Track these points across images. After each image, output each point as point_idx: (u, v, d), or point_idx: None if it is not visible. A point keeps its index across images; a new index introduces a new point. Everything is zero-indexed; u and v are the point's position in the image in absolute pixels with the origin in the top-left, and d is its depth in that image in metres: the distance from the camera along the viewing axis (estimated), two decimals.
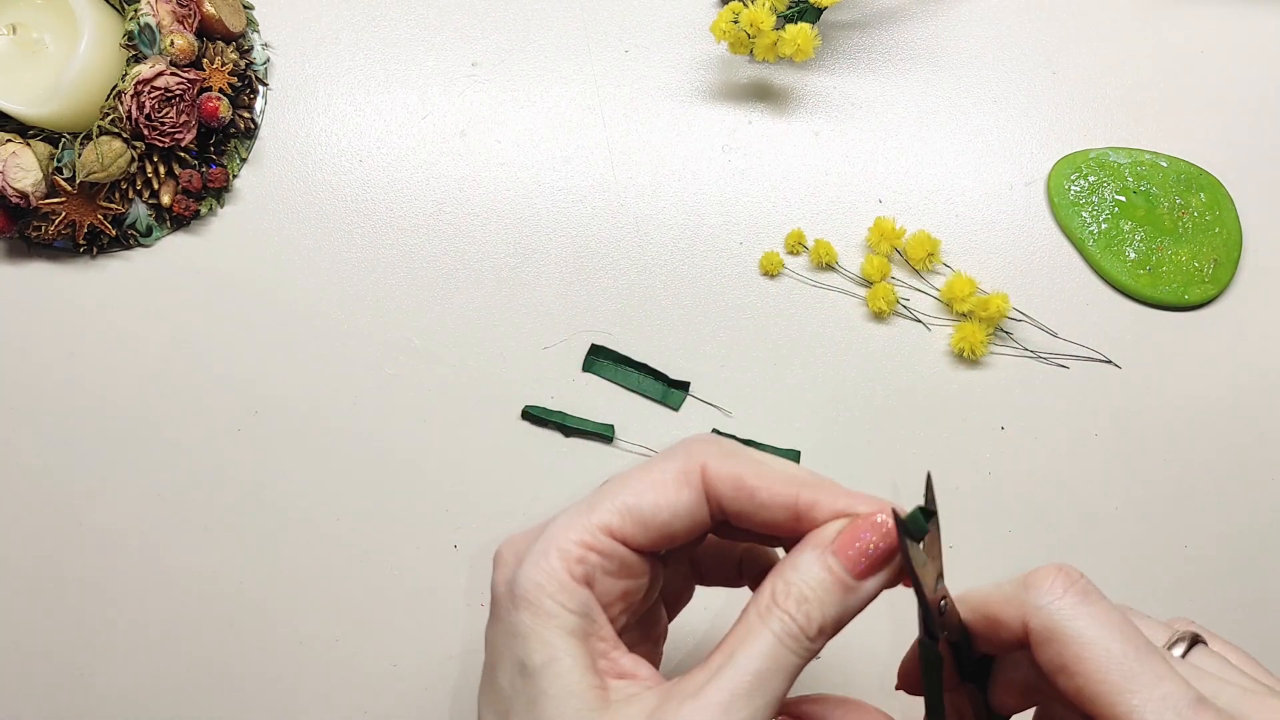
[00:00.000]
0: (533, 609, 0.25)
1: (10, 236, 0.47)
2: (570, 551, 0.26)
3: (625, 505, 0.26)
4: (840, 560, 0.25)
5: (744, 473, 0.26)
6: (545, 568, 0.25)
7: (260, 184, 0.49)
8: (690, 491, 0.26)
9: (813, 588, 0.25)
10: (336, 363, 0.47)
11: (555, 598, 0.25)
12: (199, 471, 0.46)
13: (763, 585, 0.26)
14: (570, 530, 0.26)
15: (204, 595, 0.45)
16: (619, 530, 0.26)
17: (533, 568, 0.26)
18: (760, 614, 0.25)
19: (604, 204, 0.49)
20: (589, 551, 0.26)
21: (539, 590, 0.25)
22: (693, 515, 0.26)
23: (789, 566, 0.26)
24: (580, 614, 0.25)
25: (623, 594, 0.27)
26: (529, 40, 0.51)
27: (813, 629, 0.25)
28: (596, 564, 0.26)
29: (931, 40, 0.52)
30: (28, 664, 0.44)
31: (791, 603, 0.25)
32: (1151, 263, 0.49)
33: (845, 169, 0.50)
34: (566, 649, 0.25)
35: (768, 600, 0.25)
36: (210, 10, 0.47)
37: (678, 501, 0.26)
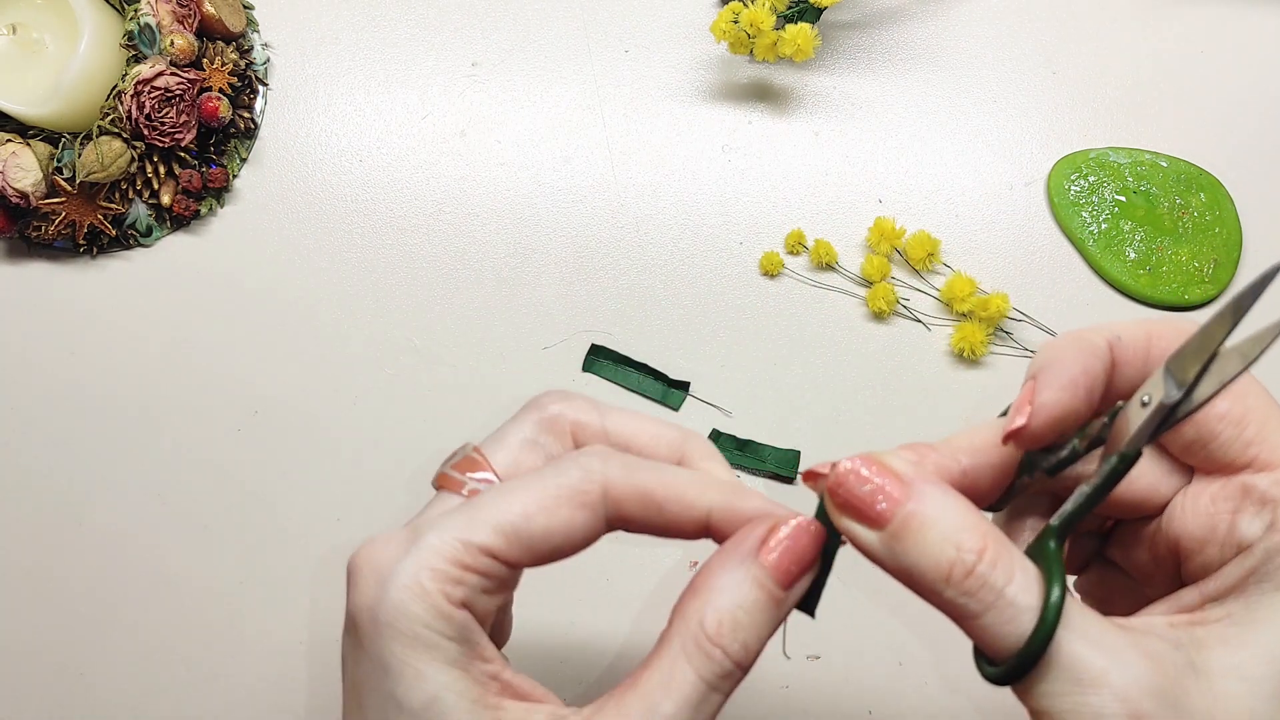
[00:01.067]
0: (404, 640, 0.22)
1: (10, 236, 0.47)
2: (446, 572, 0.22)
3: (511, 527, 0.23)
4: (770, 572, 0.23)
5: (650, 488, 0.24)
6: (417, 591, 0.22)
7: (260, 184, 0.49)
8: (586, 514, 0.23)
9: (747, 610, 0.22)
10: (336, 363, 0.47)
11: (431, 626, 0.22)
12: (199, 471, 0.46)
13: (682, 608, 0.23)
14: (445, 548, 0.22)
15: (204, 595, 0.45)
16: (502, 552, 0.23)
17: (402, 591, 0.22)
18: (686, 650, 0.22)
19: (604, 204, 0.49)
20: (467, 573, 0.23)
21: (410, 619, 0.22)
22: (586, 535, 0.24)
23: (713, 589, 0.23)
24: (460, 640, 0.22)
25: (499, 609, 0.24)
26: (529, 40, 0.51)
27: (749, 660, 0.23)
28: (474, 584, 0.23)
29: (931, 40, 0.52)
30: (28, 663, 0.44)
31: (725, 634, 0.22)
32: (1151, 263, 0.49)
33: (845, 169, 0.50)
34: (449, 684, 0.22)
35: (695, 632, 0.22)
36: (210, 10, 0.47)
37: (572, 525, 0.23)
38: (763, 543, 0.23)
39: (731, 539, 0.24)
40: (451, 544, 0.23)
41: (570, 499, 0.23)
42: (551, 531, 0.23)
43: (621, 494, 0.24)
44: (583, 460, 0.24)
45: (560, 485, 0.24)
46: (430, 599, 0.22)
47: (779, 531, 0.23)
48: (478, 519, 0.23)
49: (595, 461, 0.24)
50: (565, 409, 0.27)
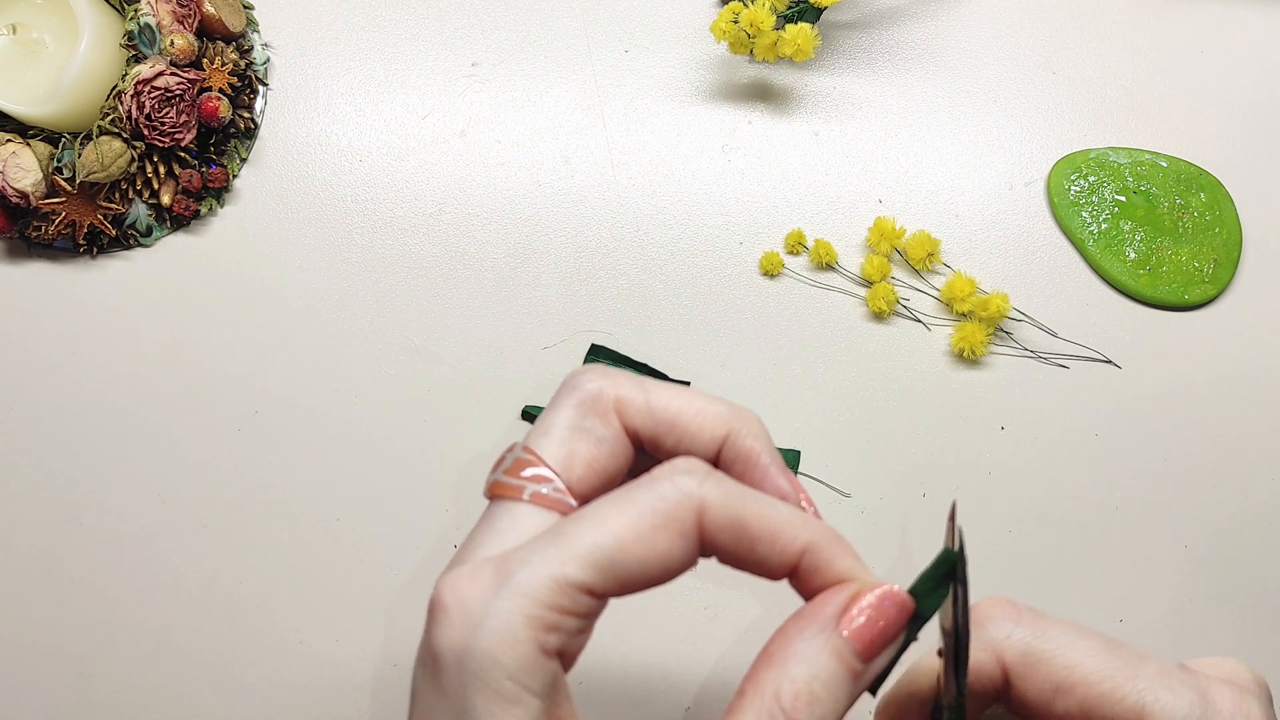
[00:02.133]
0: (489, 693, 0.20)
1: (10, 236, 0.47)
2: (542, 619, 0.21)
3: (608, 559, 0.21)
4: (852, 644, 0.22)
5: (747, 520, 0.22)
6: (509, 640, 0.20)
7: (260, 184, 0.49)
8: (684, 542, 0.22)
9: (825, 684, 0.21)
10: (336, 363, 0.47)
11: (518, 679, 0.20)
12: (199, 471, 0.46)
13: (755, 677, 0.22)
14: (540, 589, 0.21)
15: (204, 594, 0.45)
16: (599, 588, 0.21)
17: (493, 639, 0.20)
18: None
19: (604, 204, 0.49)
20: (563, 616, 0.21)
21: (499, 669, 0.20)
22: (682, 565, 0.22)
23: (791, 659, 0.21)
24: (544, 696, 0.21)
25: (582, 647, 0.23)
26: (529, 40, 0.51)
27: None
28: (571, 627, 0.21)
29: (931, 40, 0.52)
30: (28, 663, 0.44)
31: (802, 709, 0.21)
32: (1151, 263, 0.49)
33: (845, 169, 0.50)
34: None
35: (771, 705, 0.21)
36: (210, 10, 0.47)
37: (669, 556, 0.22)
38: (844, 610, 0.22)
39: (811, 603, 0.23)
40: (546, 583, 0.21)
41: (666, 526, 0.22)
42: (648, 562, 0.22)
43: (717, 524, 0.22)
44: (679, 480, 0.22)
45: (656, 510, 0.22)
46: (522, 649, 0.20)
47: (863, 599, 0.22)
48: (569, 551, 0.21)
49: (691, 481, 0.22)
50: (605, 386, 0.25)
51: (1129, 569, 0.46)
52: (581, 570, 0.21)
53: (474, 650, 0.20)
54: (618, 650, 0.44)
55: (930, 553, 0.45)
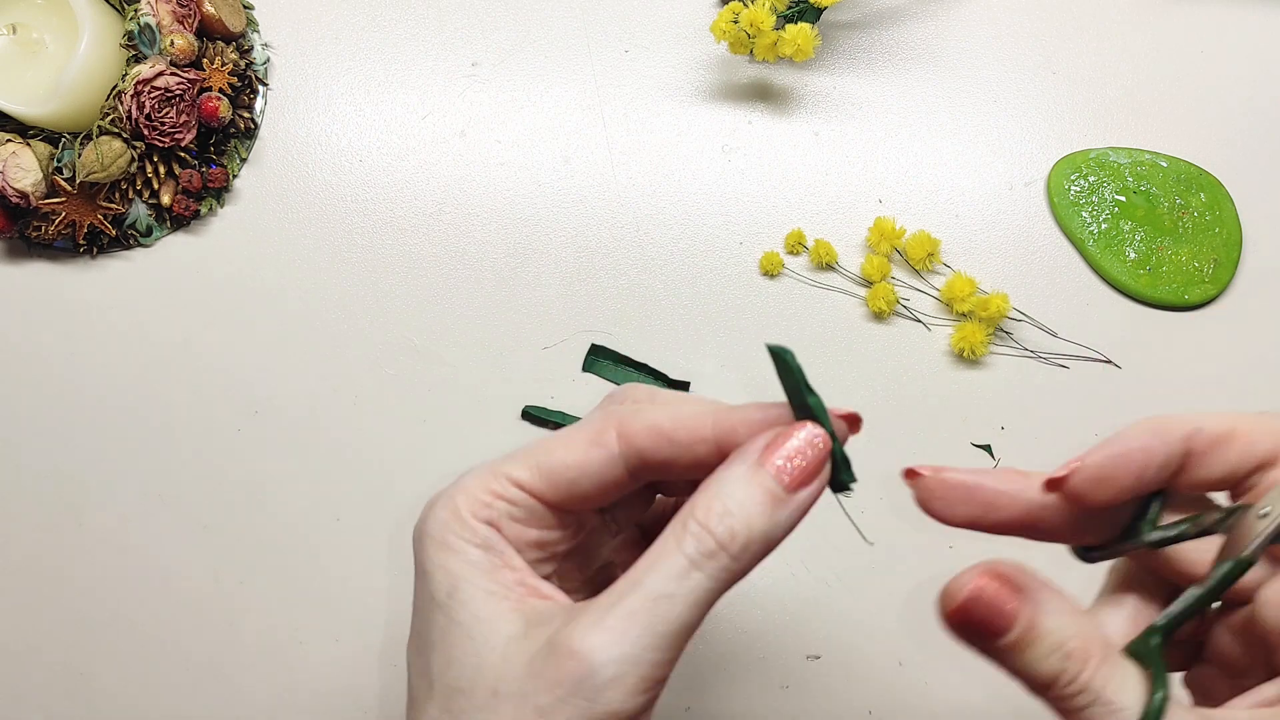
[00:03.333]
0: (436, 543, 0.26)
1: (10, 236, 0.47)
2: (477, 496, 0.26)
3: (535, 461, 0.26)
4: (770, 471, 0.24)
5: (658, 420, 0.26)
6: (450, 508, 0.26)
7: (260, 184, 0.49)
8: (600, 450, 0.26)
9: (740, 502, 0.24)
10: (336, 363, 0.47)
11: (457, 533, 0.26)
12: (199, 471, 0.46)
13: (684, 505, 0.25)
14: (478, 479, 0.26)
15: (204, 594, 0.45)
16: (527, 483, 0.26)
17: (440, 509, 0.26)
18: (675, 534, 0.24)
19: (604, 204, 0.49)
20: (495, 499, 0.26)
21: (443, 527, 0.26)
22: (602, 473, 0.26)
23: (712, 482, 0.25)
24: (483, 547, 0.26)
25: (537, 542, 0.27)
26: (529, 40, 0.51)
27: (735, 545, 0.24)
28: (503, 510, 0.26)
29: (931, 40, 0.52)
30: (28, 662, 0.44)
31: (713, 519, 0.24)
32: (1151, 263, 0.49)
33: (845, 169, 0.50)
34: (468, 576, 0.25)
35: (684, 517, 0.24)
36: (210, 10, 0.47)
37: (586, 460, 0.26)
38: (768, 448, 0.25)
39: (738, 449, 0.25)
40: (484, 475, 0.26)
41: (588, 438, 0.26)
42: (567, 465, 0.26)
43: (632, 429, 0.26)
44: (604, 409, 0.27)
45: (582, 429, 0.27)
46: (458, 513, 0.26)
47: (786, 440, 0.25)
48: (511, 458, 0.27)
49: (615, 407, 0.27)
50: (624, 399, 0.29)
51: None
52: (514, 468, 0.26)
53: (427, 521, 0.26)
54: None
55: (929, 546, 0.45)
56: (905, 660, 0.44)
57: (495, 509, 0.26)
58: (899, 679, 0.44)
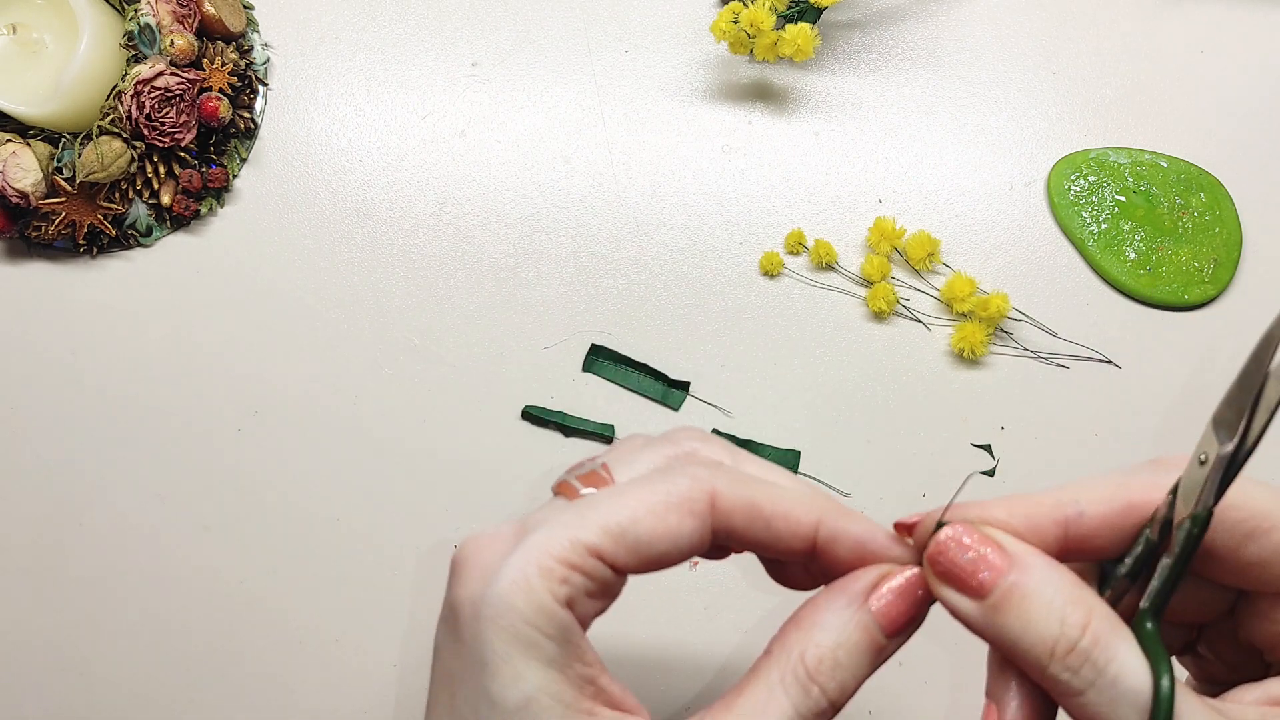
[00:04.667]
0: (506, 636, 0.22)
1: (10, 236, 0.47)
2: (553, 570, 0.22)
3: (620, 528, 0.23)
4: (878, 619, 0.23)
5: (758, 501, 0.24)
6: (523, 586, 0.22)
7: (260, 184, 0.49)
8: (694, 521, 0.23)
9: (848, 651, 0.23)
10: (336, 363, 0.47)
11: (533, 623, 0.22)
12: (199, 471, 0.46)
13: (783, 639, 0.23)
14: (553, 545, 0.22)
15: (204, 594, 0.45)
16: (609, 554, 0.23)
17: (508, 585, 0.22)
18: (784, 681, 0.22)
19: (604, 204, 0.49)
20: (573, 572, 0.22)
21: (514, 614, 0.22)
22: (693, 545, 0.24)
23: (816, 626, 0.23)
24: (560, 640, 0.22)
25: (597, 612, 0.24)
26: (529, 40, 0.51)
27: (843, 700, 0.23)
28: (580, 585, 0.23)
29: (931, 40, 0.52)
30: (30, 662, 0.44)
31: (825, 670, 0.22)
32: (1151, 263, 0.49)
33: (845, 169, 0.50)
34: (545, 686, 0.22)
35: (795, 665, 0.22)
36: (210, 10, 0.47)
37: (679, 532, 0.23)
38: (874, 587, 0.23)
39: (841, 579, 0.24)
40: (560, 542, 0.22)
41: (679, 506, 0.23)
42: (658, 537, 0.23)
43: (729, 505, 0.24)
44: (692, 470, 0.24)
45: (670, 492, 0.24)
46: (535, 595, 0.22)
47: (893, 579, 0.24)
48: (587, 519, 0.23)
49: (704, 471, 0.24)
50: (700, 447, 0.27)
51: None
52: (594, 535, 0.23)
53: (489, 598, 0.22)
54: (618, 650, 0.44)
55: None
56: (905, 660, 0.44)
57: (573, 584, 0.22)
58: (899, 679, 0.44)
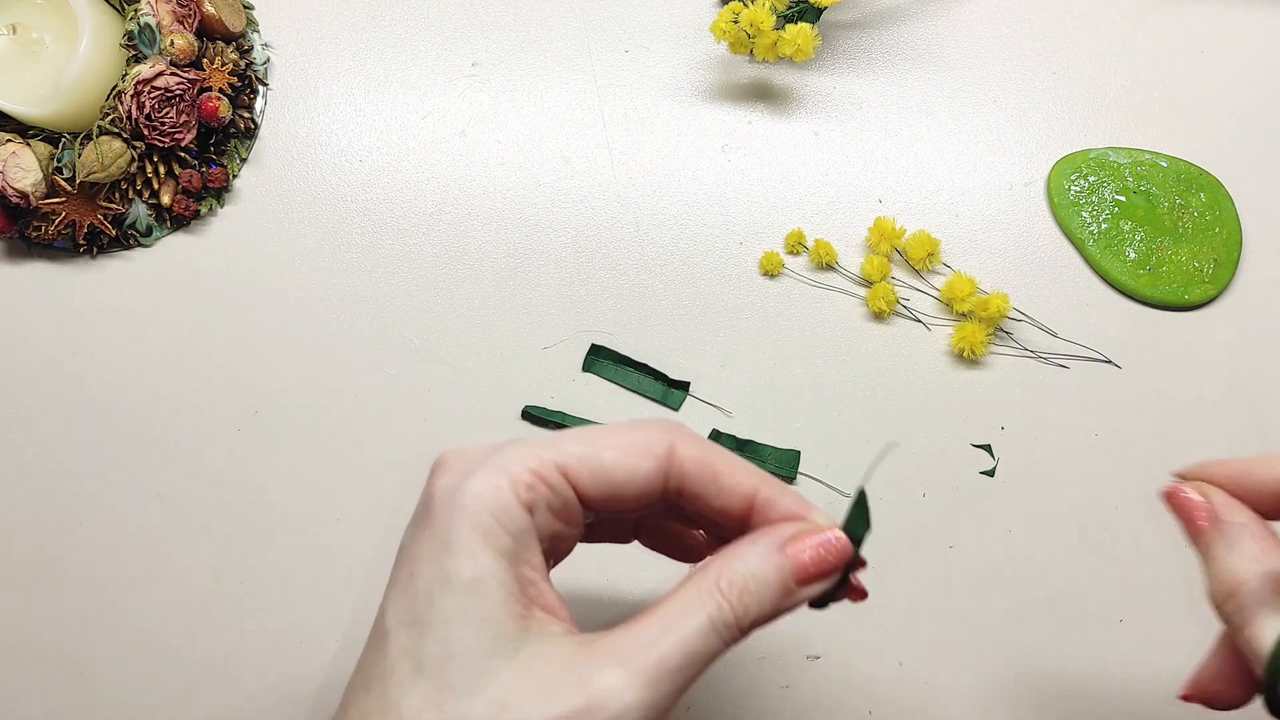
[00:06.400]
0: (471, 520, 0.25)
1: (10, 236, 0.47)
2: (520, 476, 0.25)
3: (586, 453, 0.26)
4: (791, 563, 0.26)
5: (711, 458, 0.27)
6: (493, 483, 0.25)
7: (260, 184, 0.49)
8: (651, 463, 0.26)
9: (758, 582, 0.26)
10: (337, 363, 0.47)
11: (496, 515, 0.25)
12: (199, 471, 0.46)
13: (707, 567, 0.26)
14: (526, 457, 0.26)
15: (204, 594, 0.45)
16: (574, 474, 0.26)
17: (480, 481, 0.25)
18: (700, 595, 0.25)
19: (604, 204, 0.49)
20: (539, 481, 0.26)
21: (480, 504, 0.25)
22: (647, 486, 0.27)
23: (736, 557, 0.26)
24: (516, 538, 0.25)
25: (553, 536, 0.27)
26: (529, 40, 0.51)
27: (746, 622, 0.26)
28: (543, 495, 0.26)
29: (931, 40, 0.52)
30: (29, 662, 0.44)
31: (735, 592, 0.25)
32: (1151, 263, 0.49)
33: (845, 169, 0.50)
34: (495, 572, 0.24)
35: (711, 584, 0.25)
36: (210, 10, 0.47)
37: (637, 468, 0.26)
38: (795, 539, 0.26)
39: (768, 528, 0.27)
40: (532, 456, 0.26)
41: (641, 446, 0.27)
42: (620, 468, 0.26)
43: (686, 455, 0.27)
44: (657, 423, 0.28)
45: (635, 435, 0.27)
46: (502, 493, 0.25)
47: (813, 536, 0.27)
48: (558, 443, 0.26)
49: (669, 425, 0.28)
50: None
51: (1129, 568, 0.46)
52: (562, 455, 0.26)
53: (463, 488, 0.25)
54: None
55: (930, 550, 0.45)
56: (905, 660, 0.44)
57: (537, 492, 0.26)
58: (899, 679, 0.44)
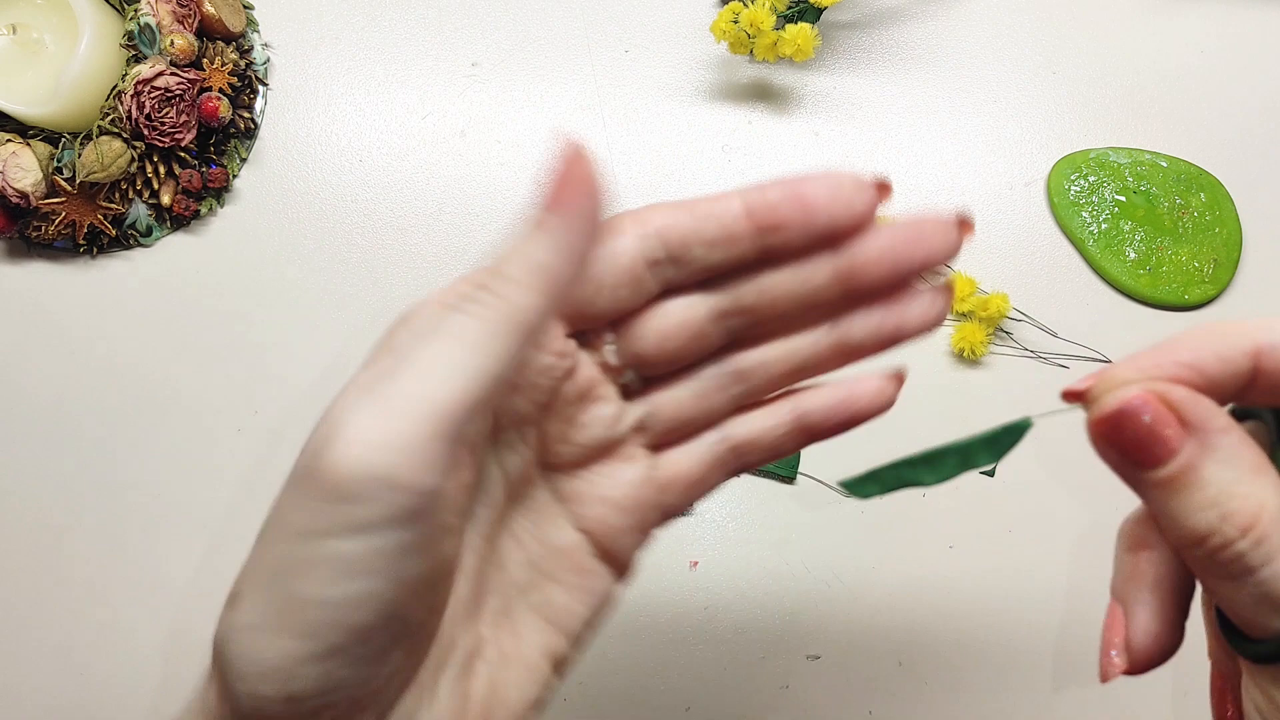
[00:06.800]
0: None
1: (10, 236, 0.47)
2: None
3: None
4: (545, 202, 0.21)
5: (674, 204, 0.23)
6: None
7: (260, 184, 0.49)
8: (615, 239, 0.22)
9: (517, 239, 0.20)
10: (336, 362, 0.47)
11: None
12: (199, 471, 0.46)
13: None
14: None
15: (204, 595, 0.45)
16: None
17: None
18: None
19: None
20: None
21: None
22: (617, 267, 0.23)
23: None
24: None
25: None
26: (529, 40, 0.51)
27: (506, 269, 0.20)
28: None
29: (931, 40, 0.52)
30: (28, 663, 0.44)
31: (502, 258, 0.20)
32: (1151, 263, 0.49)
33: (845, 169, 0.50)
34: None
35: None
36: (210, 10, 0.47)
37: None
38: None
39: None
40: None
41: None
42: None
43: (648, 214, 0.23)
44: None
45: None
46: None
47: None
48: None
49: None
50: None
51: None
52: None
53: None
54: (618, 650, 0.44)
55: (930, 550, 0.45)
56: (905, 660, 0.44)
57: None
58: (899, 679, 0.44)
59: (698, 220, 0.23)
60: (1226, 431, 0.20)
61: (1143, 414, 0.21)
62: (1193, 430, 0.20)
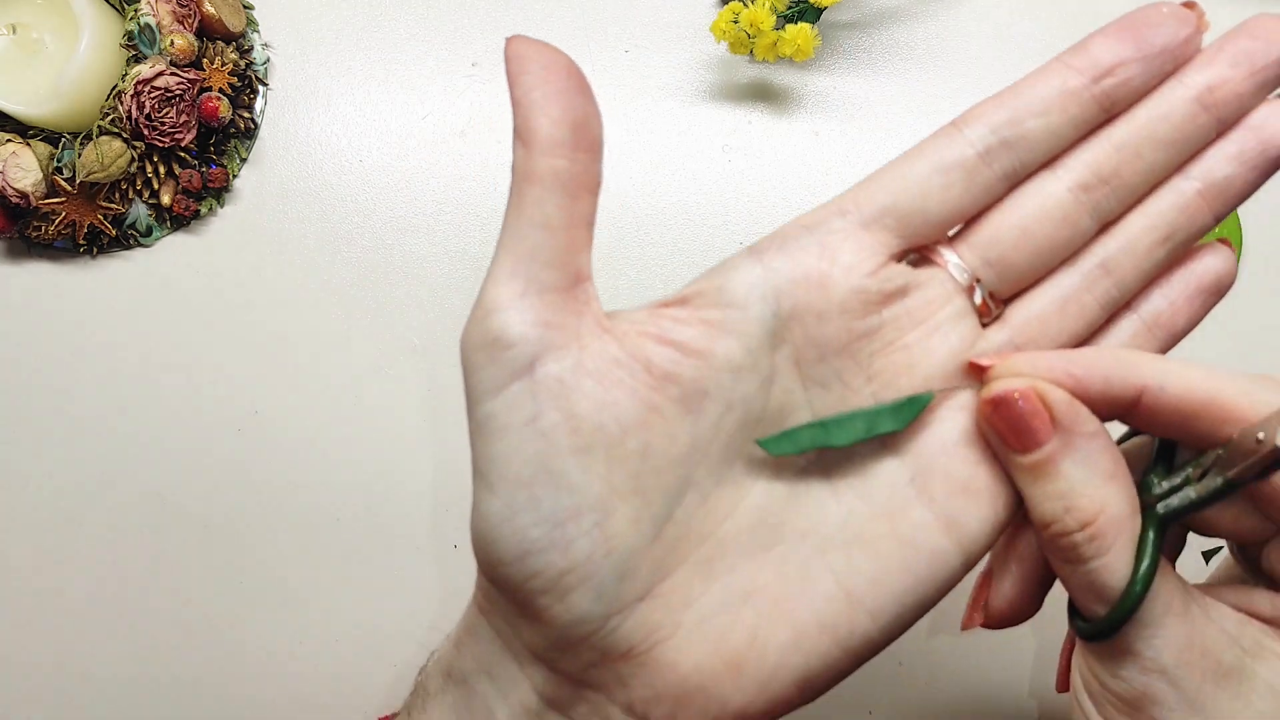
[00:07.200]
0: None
1: (10, 236, 0.47)
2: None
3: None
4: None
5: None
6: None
7: (260, 184, 0.49)
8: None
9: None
10: (337, 363, 0.47)
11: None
12: (199, 471, 0.46)
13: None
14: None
15: (204, 595, 0.45)
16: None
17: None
18: None
19: (604, 204, 0.49)
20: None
21: None
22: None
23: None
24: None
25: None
26: None
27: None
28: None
29: (932, 40, 0.52)
30: (28, 663, 0.44)
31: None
32: None
33: (845, 169, 0.50)
34: None
35: None
36: (210, 10, 0.47)
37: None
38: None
39: None
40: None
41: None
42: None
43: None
44: None
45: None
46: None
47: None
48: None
49: None
50: None
51: None
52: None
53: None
54: None
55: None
56: (905, 660, 0.44)
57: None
58: (899, 679, 0.44)
59: (1019, 95, 0.23)
60: (1092, 437, 0.22)
61: (1020, 403, 0.22)
62: (1061, 429, 0.22)
